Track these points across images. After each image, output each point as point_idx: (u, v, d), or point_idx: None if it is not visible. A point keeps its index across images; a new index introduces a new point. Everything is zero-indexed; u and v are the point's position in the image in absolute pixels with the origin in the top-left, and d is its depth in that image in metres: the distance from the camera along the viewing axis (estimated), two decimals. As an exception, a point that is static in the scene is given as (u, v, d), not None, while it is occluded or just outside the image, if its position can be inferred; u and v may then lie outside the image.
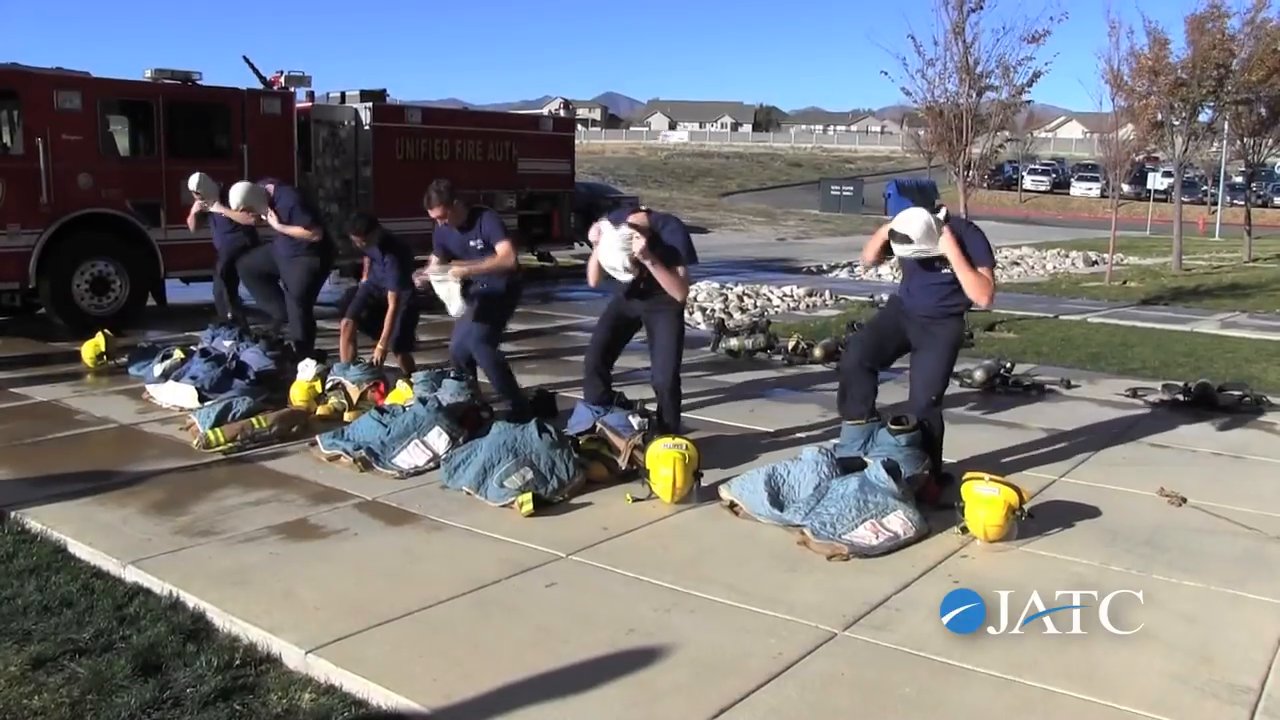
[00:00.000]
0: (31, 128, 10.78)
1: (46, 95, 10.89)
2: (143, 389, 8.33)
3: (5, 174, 10.62)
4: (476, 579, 4.69)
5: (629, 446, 6.22)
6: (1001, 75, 11.89)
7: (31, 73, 11.01)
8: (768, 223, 37.07)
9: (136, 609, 4.36)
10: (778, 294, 15.52)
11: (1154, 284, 18.92)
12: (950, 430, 7.12)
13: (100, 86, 11.52)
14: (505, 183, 15.79)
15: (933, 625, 4.29)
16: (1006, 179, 57.14)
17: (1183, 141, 20.69)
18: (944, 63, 11.82)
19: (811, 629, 4.25)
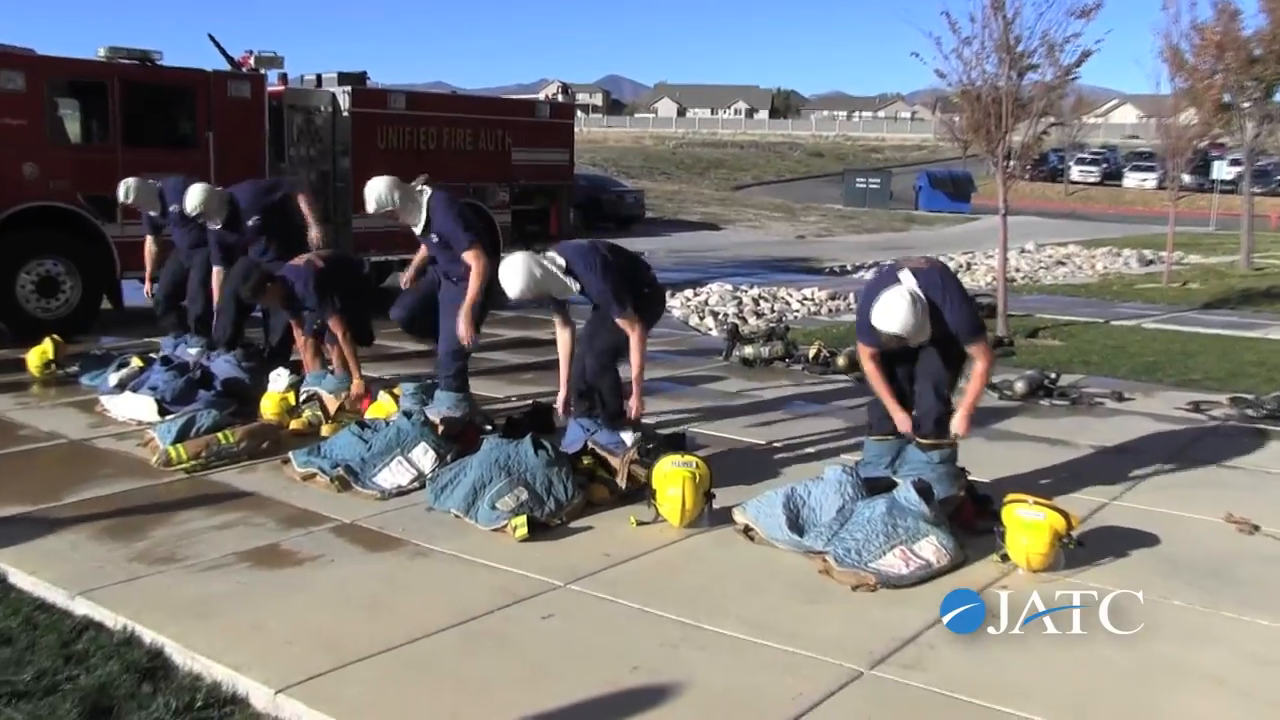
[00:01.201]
0: (-31, 112, 10.79)
1: None
2: (96, 401, 8.34)
3: (-57, 163, 10.64)
4: (465, 610, 4.67)
5: (625, 464, 6.22)
6: (1046, 54, 11.85)
7: None
8: (786, 218, 37.09)
9: (86, 646, 4.35)
10: (797, 297, 15.53)
11: (1219, 285, 18.90)
12: (989, 447, 7.13)
13: (48, 66, 11.53)
14: (498, 174, 15.80)
15: (970, 664, 4.27)
16: (1051, 169, 57.15)
17: (1254, 126, 20.56)
18: (981, 41, 11.81)
19: (834, 667, 4.23)
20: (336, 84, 14.42)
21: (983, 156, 13.24)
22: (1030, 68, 11.91)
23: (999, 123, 11.91)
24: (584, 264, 6.45)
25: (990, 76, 11.91)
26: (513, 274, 6.27)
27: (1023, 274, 20.48)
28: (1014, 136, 12.35)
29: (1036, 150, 13.33)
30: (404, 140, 14.68)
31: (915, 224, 37.81)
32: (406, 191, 7.30)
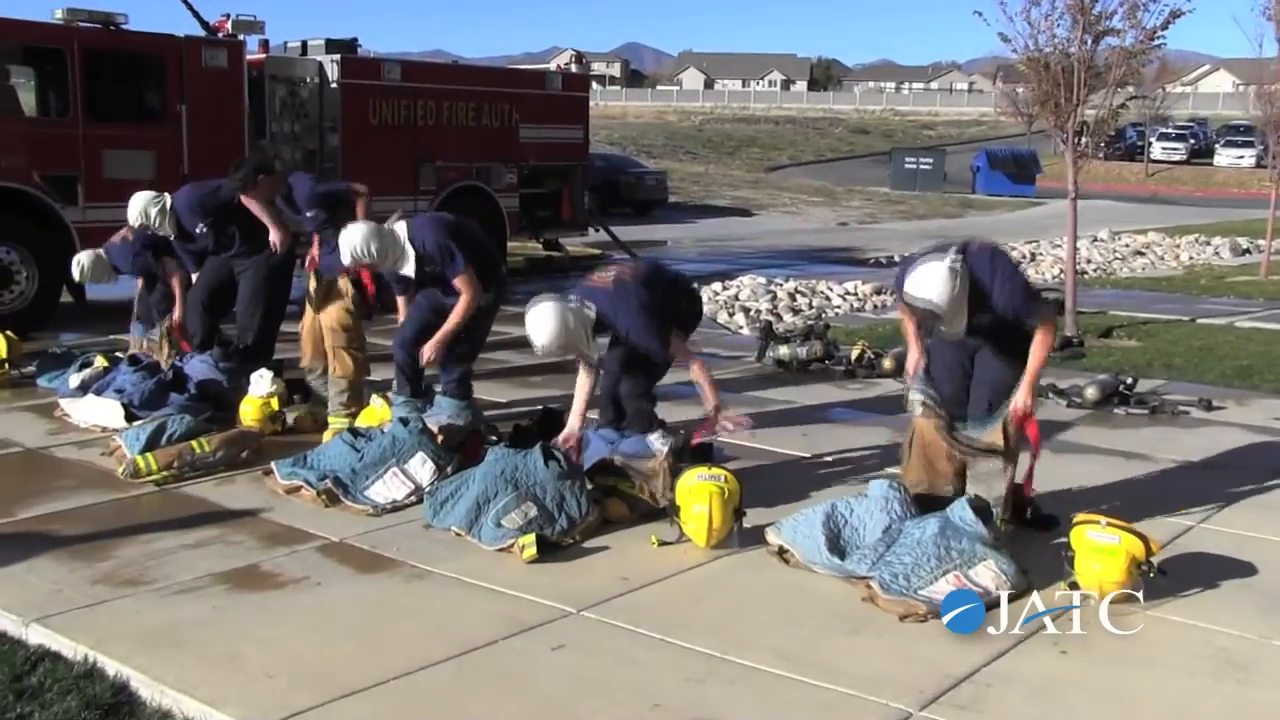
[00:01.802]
0: (-89, 82, 10.88)
1: None
2: (55, 404, 8.41)
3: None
4: (466, 640, 4.69)
5: (663, 467, 6.22)
6: (1127, 15, 11.78)
7: None
8: (826, 203, 37.07)
9: (41, 679, 4.38)
10: (838, 291, 15.51)
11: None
12: (1056, 460, 7.12)
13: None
14: (504, 154, 15.86)
15: (1033, 707, 4.26)
16: (1130, 147, 56.87)
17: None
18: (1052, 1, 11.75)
19: (879, 707, 4.23)
20: (324, 52, 14.49)
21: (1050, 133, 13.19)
22: (1108, 32, 11.84)
23: (1070, 94, 11.85)
24: (623, 310, 6.47)
25: (1061, 42, 11.86)
26: (542, 326, 6.20)
27: (1095, 266, 20.40)
28: (1087, 110, 12.29)
29: (1113, 125, 13.24)
30: (399, 115, 14.75)
31: (972, 209, 37.73)
32: (384, 237, 7.20)
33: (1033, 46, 11.99)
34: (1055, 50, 11.87)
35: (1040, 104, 12.43)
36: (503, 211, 15.94)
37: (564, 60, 19.57)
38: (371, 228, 7.21)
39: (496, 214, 15.90)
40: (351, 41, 15.01)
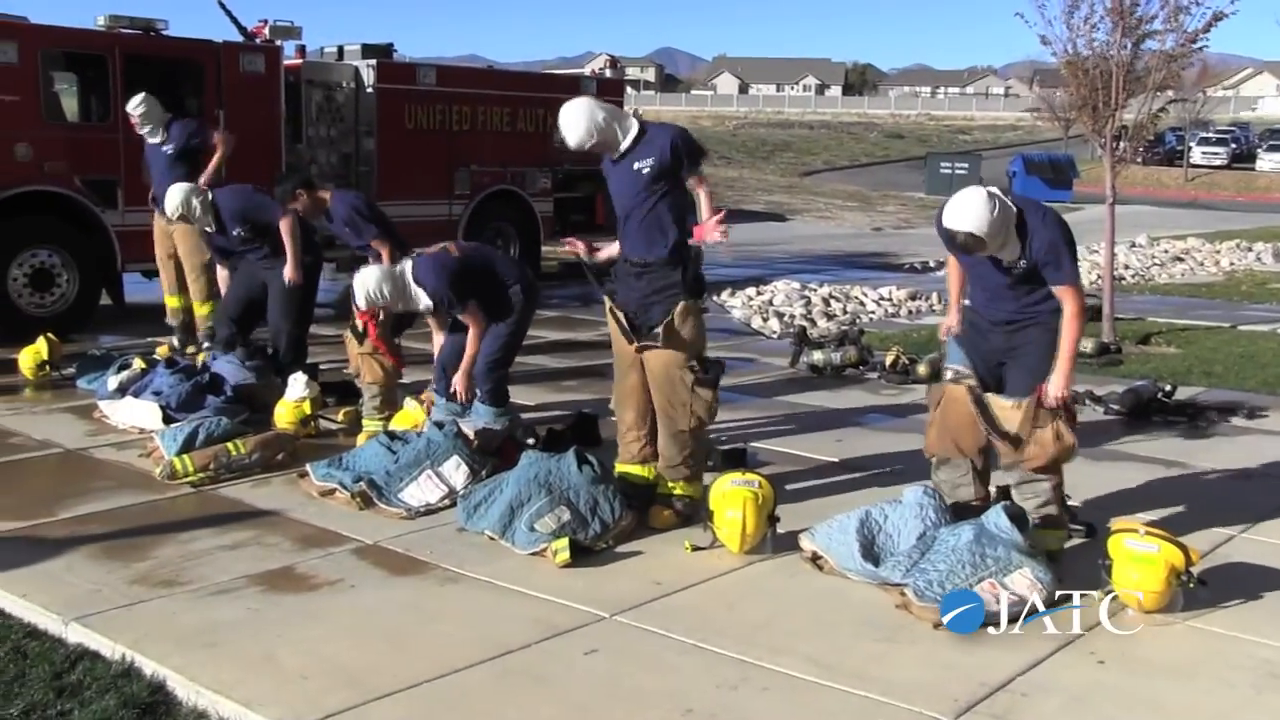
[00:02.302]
0: (-45, 86, 11.01)
1: None
2: (94, 406, 8.48)
3: (-75, 143, 10.86)
4: (499, 644, 4.70)
5: None
6: (1169, 18, 11.68)
7: None
8: (861, 208, 36.96)
9: (80, 677, 4.42)
10: (873, 297, 15.47)
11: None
12: (1092, 468, 7.08)
13: (42, 36, 11.72)
14: (538, 158, 15.88)
15: (1070, 717, 4.24)
16: (1169, 151, 56.41)
17: None
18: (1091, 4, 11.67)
19: (914, 715, 4.21)
20: (360, 57, 14.57)
21: (1088, 137, 13.10)
22: (1149, 35, 11.75)
23: (1108, 98, 11.77)
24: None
25: (1100, 46, 11.78)
26: (575, 118, 6.03)
27: (1133, 271, 20.26)
28: (1125, 114, 12.21)
29: (1152, 130, 13.15)
30: (434, 120, 14.82)
31: (1009, 215, 37.40)
32: (395, 280, 7.21)
33: (1072, 50, 11.93)
34: (1094, 54, 11.80)
35: (1078, 108, 12.36)
36: (537, 216, 15.98)
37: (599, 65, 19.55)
38: (384, 272, 7.31)
39: (530, 218, 15.95)
40: (387, 46, 15.07)
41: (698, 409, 6.14)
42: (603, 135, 6.03)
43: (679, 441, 6.21)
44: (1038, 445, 5.62)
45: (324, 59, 14.84)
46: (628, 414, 6.40)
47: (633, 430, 6.41)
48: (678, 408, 6.14)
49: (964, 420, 5.80)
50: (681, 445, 6.22)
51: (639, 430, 6.40)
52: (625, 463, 6.46)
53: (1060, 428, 5.63)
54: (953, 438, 5.85)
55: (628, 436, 6.45)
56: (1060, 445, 5.63)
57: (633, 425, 6.41)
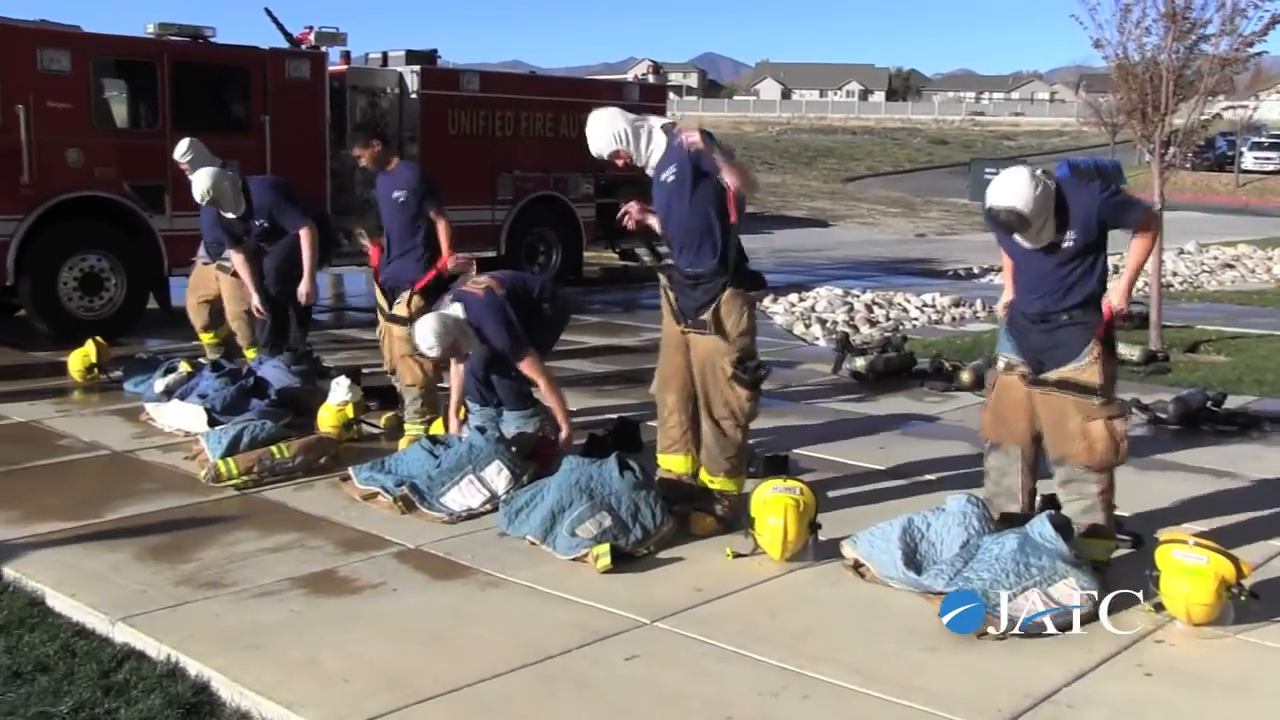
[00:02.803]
0: (11, 94, 11.15)
1: (29, 54, 11.26)
2: (140, 409, 8.58)
3: (-20, 149, 11.02)
4: (540, 648, 4.72)
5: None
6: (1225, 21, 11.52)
7: (11, 27, 11.42)
8: (904, 214, 36.79)
9: (126, 676, 4.47)
10: (916, 303, 15.39)
11: None
12: (1140, 477, 7.01)
13: (93, 44, 11.90)
14: (580, 164, 15.87)
15: (1116, 725, 4.20)
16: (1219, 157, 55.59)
17: None
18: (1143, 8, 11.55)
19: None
20: (404, 63, 14.67)
21: (1135, 143, 12.98)
22: (1203, 40, 11.61)
23: (1158, 103, 11.65)
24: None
25: (1151, 50, 11.66)
26: (598, 127, 6.12)
27: (1181, 279, 20.04)
28: (1175, 119, 12.08)
29: (1202, 135, 13.00)
30: (477, 125, 14.89)
31: (1054, 221, 37.12)
32: (455, 328, 7.12)
33: (1122, 55, 11.81)
34: (1145, 59, 11.68)
35: (1126, 113, 12.24)
36: (579, 221, 16.02)
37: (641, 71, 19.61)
38: (444, 323, 7.07)
39: (573, 224, 15.99)
40: (431, 52, 15.16)
41: (732, 403, 6.12)
42: (624, 145, 6.08)
43: (715, 432, 6.19)
44: (1086, 440, 5.53)
45: (368, 65, 14.95)
46: (669, 396, 6.39)
47: (674, 414, 6.40)
48: (714, 396, 6.14)
49: (1016, 407, 5.74)
50: (717, 435, 6.20)
51: (680, 415, 6.37)
52: (665, 450, 6.47)
53: (1115, 426, 5.55)
54: (1005, 423, 5.81)
55: (669, 421, 6.43)
56: (1111, 443, 5.53)
57: (674, 409, 6.39)
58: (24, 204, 11.25)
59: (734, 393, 6.12)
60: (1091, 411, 5.51)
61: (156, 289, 12.36)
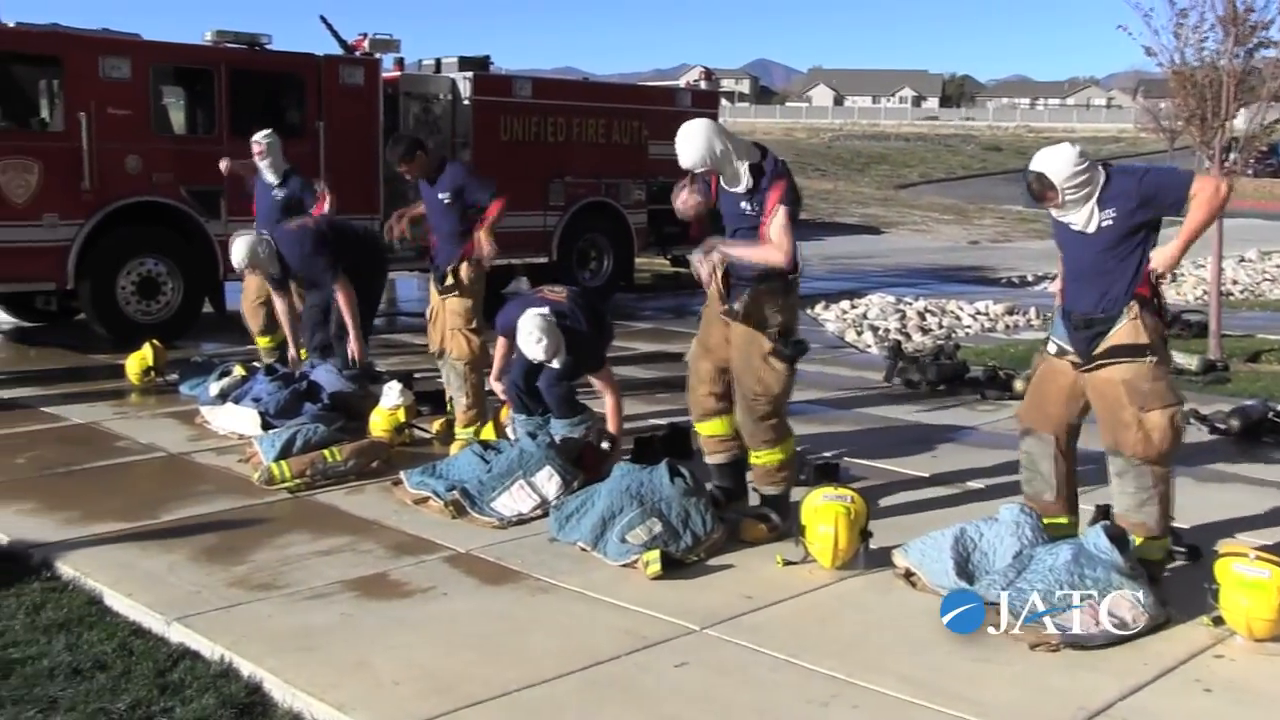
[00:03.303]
0: (73, 101, 11.35)
1: (91, 62, 11.45)
2: (196, 411, 8.69)
3: (43, 155, 11.22)
4: (590, 654, 4.73)
5: None
6: (1288, 23, 11.32)
7: (74, 35, 11.62)
8: (957, 221, 36.54)
9: (181, 675, 4.54)
10: (969, 311, 15.30)
11: None
12: (1198, 489, 6.94)
13: (153, 52, 12.08)
14: (633, 170, 15.95)
15: (1172, 739, 4.15)
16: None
17: None
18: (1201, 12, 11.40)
19: (1011, 736, 4.16)
20: (457, 69, 14.76)
21: (1194, 149, 12.82)
22: (1265, 44, 11.44)
23: (1217, 109, 11.50)
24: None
25: (1210, 55, 11.51)
26: (694, 141, 5.98)
27: (1241, 287, 19.81)
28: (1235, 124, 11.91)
29: (1264, 141, 12.82)
30: (529, 131, 14.94)
31: (1110, 229, 36.74)
32: (555, 331, 7.17)
33: (1179, 60, 11.68)
34: (1203, 64, 11.54)
35: (1185, 120, 12.09)
36: (631, 228, 16.04)
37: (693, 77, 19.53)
38: (549, 324, 7.10)
39: (625, 230, 16.01)
40: (484, 59, 15.24)
41: (766, 377, 6.09)
42: (715, 165, 6.05)
43: (746, 407, 6.18)
44: (1142, 430, 5.38)
45: (422, 71, 15.06)
46: (704, 365, 6.41)
47: (704, 384, 6.42)
48: (748, 372, 6.12)
49: (1058, 394, 5.68)
50: (749, 410, 6.17)
51: (710, 385, 6.40)
52: (701, 419, 6.50)
53: (1173, 415, 5.42)
54: (1042, 409, 5.75)
55: (699, 390, 6.45)
56: (1168, 433, 5.38)
57: (705, 378, 6.42)
58: (84, 209, 11.41)
59: (768, 368, 6.08)
60: (1147, 401, 5.37)
61: (212, 293, 12.50)
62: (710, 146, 5.96)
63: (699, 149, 5.95)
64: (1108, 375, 5.46)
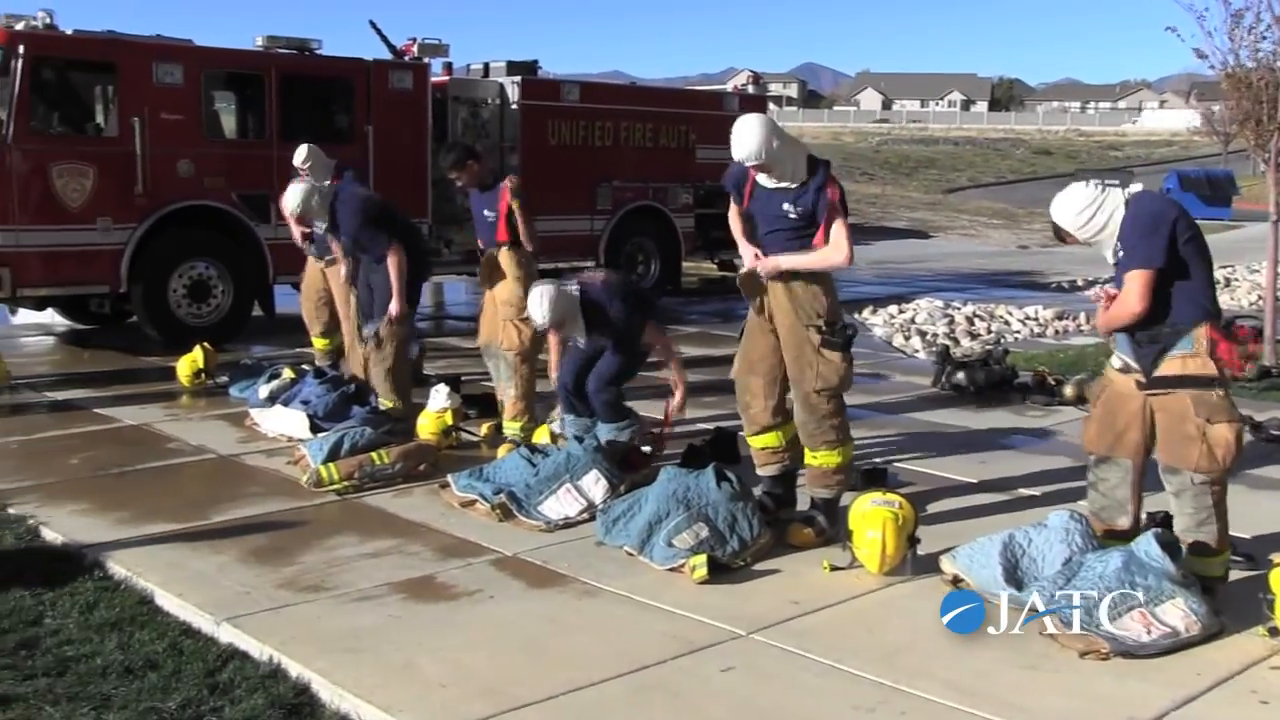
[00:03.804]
0: (127, 106, 11.51)
1: (145, 68, 11.62)
2: (246, 414, 8.79)
3: (97, 160, 11.39)
4: (636, 658, 4.73)
5: None
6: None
7: (129, 42, 11.77)
8: (1006, 226, 36.32)
9: (230, 676, 4.57)
10: (1018, 316, 15.18)
11: None
12: (1252, 497, 6.85)
13: (205, 57, 12.23)
14: (680, 174, 15.96)
15: (1224, 750, 4.09)
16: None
17: None
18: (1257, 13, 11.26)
19: (1060, 745, 4.12)
20: (505, 74, 14.83)
21: (1250, 153, 12.65)
22: None
23: (1274, 111, 11.35)
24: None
25: (1266, 56, 11.37)
26: (750, 135, 6.00)
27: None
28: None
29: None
30: (577, 135, 14.99)
31: (1162, 233, 36.40)
32: (568, 305, 7.25)
33: (1233, 62, 11.54)
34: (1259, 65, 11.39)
35: (1240, 122, 11.94)
36: (678, 232, 16.05)
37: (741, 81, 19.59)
38: (561, 294, 7.20)
39: (672, 234, 16.02)
40: (532, 63, 15.30)
41: (824, 370, 6.07)
42: (769, 161, 6.02)
43: (808, 406, 6.14)
44: (1207, 443, 5.23)
45: (470, 76, 15.14)
46: (755, 380, 6.37)
47: (758, 399, 6.38)
48: (805, 370, 6.10)
49: (1132, 418, 5.48)
50: (811, 409, 6.14)
51: (765, 400, 6.36)
52: (756, 434, 6.47)
53: (1240, 431, 5.32)
54: (1115, 433, 5.53)
55: (753, 406, 6.41)
56: (1232, 448, 5.25)
57: (759, 393, 6.37)
58: (137, 213, 11.56)
59: (825, 360, 6.07)
60: (1214, 414, 5.24)
61: (261, 296, 12.62)
62: (767, 140, 5.95)
63: (756, 142, 5.95)
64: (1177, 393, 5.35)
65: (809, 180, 6.04)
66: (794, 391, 6.23)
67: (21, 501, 6.70)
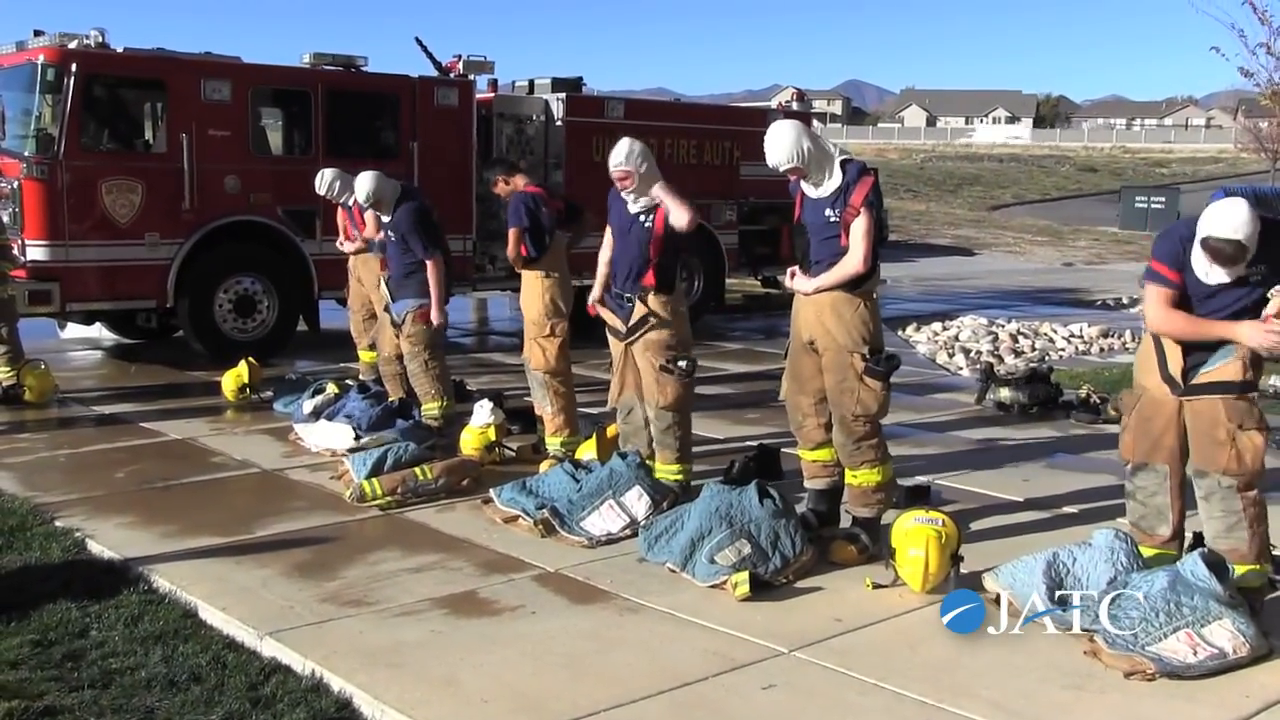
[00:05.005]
0: (176, 122, 11.63)
1: (193, 85, 11.75)
2: (290, 428, 8.85)
3: (146, 175, 11.52)
4: (678, 675, 4.72)
5: None
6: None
7: (178, 60, 11.91)
8: (1051, 243, 36.08)
9: (273, 689, 4.59)
10: (1062, 333, 15.08)
11: None
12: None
13: (252, 74, 12.35)
14: (724, 191, 15.94)
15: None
16: (1386, 185, 53.54)
17: None
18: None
19: (1106, 767, 4.07)
20: (550, 91, 14.87)
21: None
22: None
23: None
24: None
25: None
26: (782, 139, 6.00)
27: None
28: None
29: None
30: (621, 152, 14.96)
31: (1210, 250, 36.07)
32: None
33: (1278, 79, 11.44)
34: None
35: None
36: (722, 248, 16.02)
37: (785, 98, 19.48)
38: None
39: (716, 251, 15.99)
40: (577, 80, 15.34)
41: (864, 398, 6.07)
42: (803, 164, 6.03)
43: (846, 429, 6.15)
44: (1235, 448, 5.23)
45: (515, 93, 15.19)
46: (804, 399, 6.40)
47: (810, 417, 6.41)
48: (846, 394, 6.10)
49: (1168, 424, 5.44)
50: (849, 433, 6.15)
51: (817, 418, 6.38)
52: (811, 449, 6.49)
53: (1268, 438, 5.29)
54: (1152, 439, 5.50)
55: (806, 424, 6.44)
56: (1259, 453, 5.23)
57: (809, 412, 6.40)
58: (185, 228, 11.68)
59: (865, 388, 6.07)
60: (1245, 420, 5.24)
61: (306, 311, 12.71)
62: (799, 144, 5.98)
63: (788, 146, 5.97)
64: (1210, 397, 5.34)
65: (842, 182, 6.04)
66: (833, 413, 6.24)
67: (69, 514, 6.77)
